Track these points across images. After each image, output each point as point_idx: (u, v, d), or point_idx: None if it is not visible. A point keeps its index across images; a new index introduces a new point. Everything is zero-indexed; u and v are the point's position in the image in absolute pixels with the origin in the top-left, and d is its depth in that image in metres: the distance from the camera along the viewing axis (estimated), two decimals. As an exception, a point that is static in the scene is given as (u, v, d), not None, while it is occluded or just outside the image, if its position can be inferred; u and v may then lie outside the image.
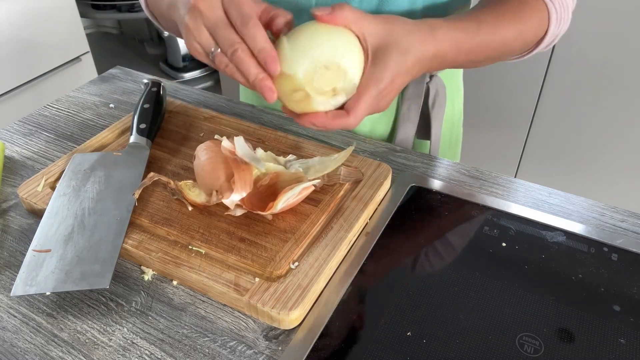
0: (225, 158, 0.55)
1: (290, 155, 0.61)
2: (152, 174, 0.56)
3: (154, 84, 0.73)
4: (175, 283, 0.52)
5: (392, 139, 0.79)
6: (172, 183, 0.56)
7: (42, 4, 1.67)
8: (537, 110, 1.60)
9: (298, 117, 0.51)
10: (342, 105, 0.50)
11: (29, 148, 0.71)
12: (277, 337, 0.48)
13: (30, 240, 0.54)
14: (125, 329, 0.48)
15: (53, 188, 0.61)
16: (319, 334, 0.47)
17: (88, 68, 1.90)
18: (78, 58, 1.84)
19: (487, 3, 0.60)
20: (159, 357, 0.46)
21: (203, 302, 0.51)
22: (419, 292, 0.50)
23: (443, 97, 0.76)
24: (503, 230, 0.57)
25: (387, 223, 0.58)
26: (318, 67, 0.47)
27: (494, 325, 0.47)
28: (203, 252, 0.53)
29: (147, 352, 0.46)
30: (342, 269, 0.53)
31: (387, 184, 0.61)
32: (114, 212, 0.56)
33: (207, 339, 0.47)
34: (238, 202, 0.54)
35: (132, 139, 0.65)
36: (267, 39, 0.47)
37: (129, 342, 0.47)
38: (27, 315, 0.50)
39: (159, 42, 2.80)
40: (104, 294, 0.51)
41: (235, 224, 0.55)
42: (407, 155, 0.69)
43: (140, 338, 0.48)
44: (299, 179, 0.56)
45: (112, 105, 0.80)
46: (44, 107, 0.80)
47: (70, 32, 1.79)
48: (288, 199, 0.54)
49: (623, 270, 0.52)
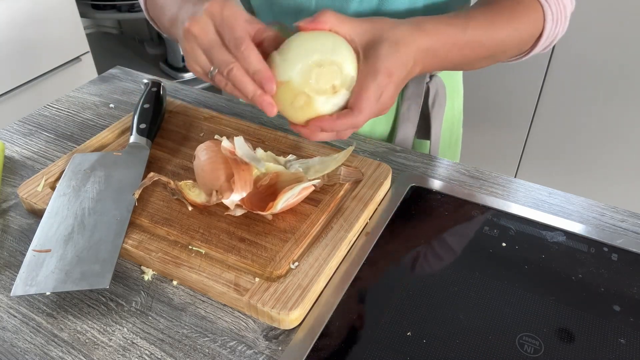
0: (225, 158, 0.55)
1: (290, 155, 0.61)
2: (152, 174, 0.56)
3: (154, 84, 0.73)
4: (175, 283, 0.52)
5: (392, 139, 0.79)
6: (172, 183, 0.56)
7: (42, 4, 1.67)
8: (537, 110, 1.60)
9: (305, 127, 0.50)
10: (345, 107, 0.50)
11: (29, 148, 0.71)
12: (277, 337, 0.48)
13: (30, 240, 0.54)
14: (125, 329, 0.48)
15: (53, 188, 0.61)
16: (319, 334, 0.47)
17: (88, 68, 1.89)
18: (78, 58, 1.84)
19: (480, 3, 0.60)
20: (159, 357, 0.46)
21: (203, 302, 0.51)
22: (419, 292, 0.50)
23: (443, 97, 0.76)
24: (503, 230, 0.57)
25: (387, 223, 0.58)
26: (311, 67, 0.48)
27: (494, 325, 0.47)
28: (203, 252, 0.53)
29: (147, 352, 0.46)
30: (342, 269, 0.53)
31: (387, 184, 0.61)
32: (114, 212, 0.56)
33: (207, 339, 0.47)
34: (238, 202, 0.54)
35: (132, 139, 0.65)
36: (260, 60, 0.48)
37: (129, 342, 0.47)
38: (27, 315, 0.50)
39: (159, 42, 2.80)
40: (104, 294, 0.51)
41: (235, 224, 0.55)
42: (407, 155, 0.69)
43: (140, 338, 0.48)
44: (299, 179, 0.56)
45: (112, 105, 0.80)
46: (44, 107, 0.80)
47: (70, 32, 1.79)
48: (288, 199, 0.54)
49: (623, 270, 0.52)
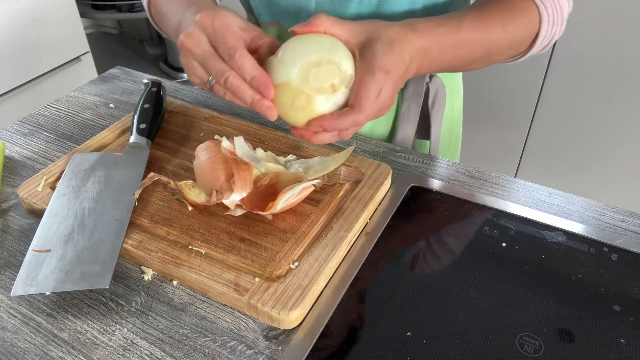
0: (225, 158, 0.55)
1: (290, 155, 0.61)
2: (152, 174, 0.56)
3: (154, 84, 0.73)
4: (175, 283, 0.52)
5: (391, 139, 0.79)
6: (172, 183, 0.56)
7: (42, 4, 1.67)
8: (537, 110, 1.60)
9: (307, 130, 0.50)
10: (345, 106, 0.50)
11: (29, 148, 0.71)
12: (277, 337, 0.48)
13: (30, 240, 0.54)
14: (125, 329, 0.48)
15: (53, 188, 0.61)
16: (319, 334, 0.47)
17: (88, 68, 1.90)
18: (78, 58, 1.84)
19: (475, 5, 0.60)
20: (159, 357, 0.46)
21: (203, 302, 0.51)
22: (419, 292, 0.50)
23: (443, 97, 0.76)
24: (503, 230, 0.57)
25: (387, 223, 0.58)
26: (310, 66, 0.48)
27: (494, 325, 0.47)
28: (203, 252, 0.53)
29: (147, 352, 0.46)
30: (342, 269, 0.53)
31: (387, 184, 0.61)
32: (114, 212, 0.56)
33: (207, 339, 0.47)
34: (238, 202, 0.54)
35: (132, 139, 0.65)
36: (256, 65, 0.48)
37: (129, 342, 0.47)
38: (27, 315, 0.50)
39: (159, 42, 2.80)
40: (104, 294, 0.51)
41: (235, 224, 0.55)
42: (407, 155, 0.69)
43: (140, 338, 0.48)
44: (299, 179, 0.56)
45: (112, 105, 0.80)
46: (44, 107, 0.80)
47: (70, 32, 1.79)
48: (288, 199, 0.54)
49: (623, 270, 0.52)
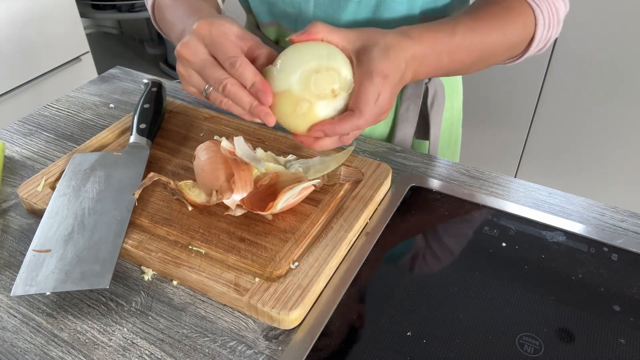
0: (225, 158, 0.55)
1: (290, 155, 0.61)
2: (152, 174, 0.56)
3: (154, 84, 0.73)
4: (175, 283, 0.52)
5: (391, 139, 0.79)
6: (172, 183, 0.56)
7: (42, 4, 1.67)
8: (537, 110, 1.60)
9: (308, 136, 0.51)
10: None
11: (29, 148, 0.71)
12: (277, 337, 0.48)
13: (30, 240, 0.54)
14: (125, 329, 0.48)
15: (53, 188, 0.61)
16: (319, 334, 0.47)
17: (88, 68, 1.90)
18: (78, 58, 1.84)
19: (470, 9, 0.60)
20: (159, 357, 0.46)
21: (203, 302, 0.51)
22: (419, 292, 0.50)
23: (442, 97, 0.76)
24: (503, 230, 0.57)
25: (387, 223, 0.58)
26: (310, 73, 0.48)
27: (494, 325, 0.47)
28: (203, 252, 0.53)
29: (147, 352, 0.46)
30: (342, 269, 0.53)
31: (387, 184, 0.61)
32: (114, 212, 0.56)
33: (207, 339, 0.47)
34: (238, 202, 0.54)
35: (132, 139, 0.65)
36: (256, 73, 0.49)
37: (129, 342, 0.47)
38: (27, 315, 0.50)
39: (159, 42, 2.80)
40: (104, 294, 0.51)
41: (235, 224, 0.55)
42: (407, 155, 0.69)
43: (140, 338, 0.48)
44: (299, 179, 0.56)
45: (112, 105, 0.80)
46: (44, 107, 0.80)
47: (70, 32, 1.79)
48: (288, 199, 0.54)
49: (623, 270, 0.52)
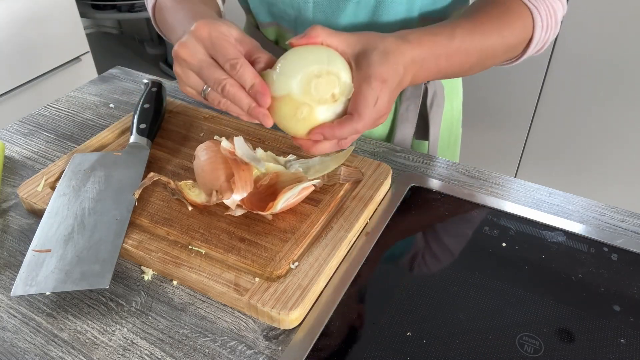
0: (225, 158, 0.55)
1: (290, 155, 0.61)
2: (152, 174, 0.56)
3: (154, 84, 0.73)
4: (175, 283, 0.52)
5: (390, 139, 0.79)
6: (172, 183, 0.56)
7: (42, 4, 1.67)
8: (537, 110, 1.60)
9: (307, 139, 0.50)
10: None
11: (29, 148, 0.71)
12: (277, 337, 0.48)
13: (30, 240, 0.54)
14: (125, 329, 0.48)
15: (53, 188, 0.61)
16: (319, 334, 0.47)
17: (88, 68, 1.90)
18: (78, 58, 1.84)
19: (468, 11, 0.60)
20: (159, 357, 0.46)
21: (203, 302, 0.51)
22: (419, 292, 0.50)
23: (441, 97, 0.76)
24: (503, 230, 0.57)
25: (387, 223, 0.58)
26: (310, 78, 0.48)
27: (494, 325, 0.47)
28: (203, 252, 0.53)
29: (147, 352, 0.46)
30: (342, 269, 0.53)
31: (387, 184, 0.61)
32: (114, 212, 0.56)
33: (207, 339, 0.47)
34: (238, 202, 0.54)
35: (132, 139, 0.65)
36: (256, 75, 0.49)
37: (129, 342, 0.47)
38: (27, 315, 0.50)
39: (159, 42, 2.80)
40: (104, 294, 0.51)
41: (235, 224, 0.55)
42: (407, 155, 0.69)
43: (140, 338, 0.48)
44: (299, 179, 0.56)
45: (112, 105, 0.80)
46: (44, 107, 0.80)
47: (70, 32, 1.79)
48: (288, 199, 0.54)
49: (623, 270, 0.52)
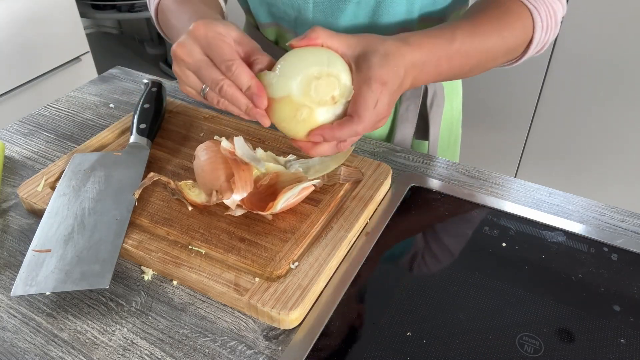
0: (225, 158, 0.55)
1: (290, 155, 0.61)
2: (152, 174, 0.56)
3: (154, 84, 0.73)
4: (175, 283, 0.52)
5: (390, 140, 0.79)
6: (172, 183, 0.56)
7: (42, 4, 1.67)
8: (537, 111, 1.60)
9: (306, 141, 0.50)
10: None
11: (29, 148, 0.71)
12: (277, 337, 0.48)
13: (30, 240, 0.54)
14: (125, 329, 0.48)
15: (53, 188, 0.61)
16: (319, 334, 0.47)
17: (88, 68, 1.90)
18: (78, 58, 1.84)
19: (469, 13, 0.60)
20: (159, 357, 0.46)
21: (203, 302, 0.51)
22: (419, 292, 0.50)
23: (441, 97, 0.76)
24: (503, 230, 0.57)
25: (387, 223, 0.58)
26: (310, 79, 0.48)
27: (494, 325, 0.47)
28: (203, 252, 0.53)
29: (147, 352, 0.46)
30: (342, 269, 0.53)
31: (387, 184, 0.61)
32: (114, 212, 0.56)
33: (207, 339, 0.47)
34: (238, 202, 0.54)
35: (132, 139, 0.65)
36: (252, 76, 0.49)
37: (129, 342, 0.47)
38: (27, 315, 0.50)
39: (159, 42, 2.81)
40: (104, 294, 0.51)
41: (235, 224, 0.55)
42: (407, 155, 0.69)
43: (140, 338, 0.48)
44: (299, 179, 0.56)
45: (112, 105, 0.80)
46: (44, 107, 0.80)
47: (70, 32, 1.79)
48: (288, 199, 0.54)
49: (623, 270, 0.52)
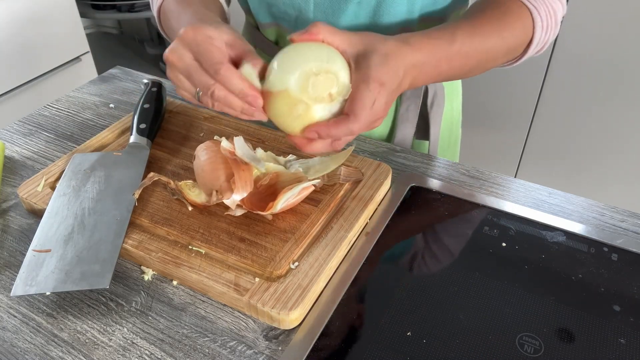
0: (225, 158, 0.55)
1: (290, 155, 0.61)
2: (152, 174, 0.56)
3: (154, 84, 0.73)
4: (175, 283, 0.52)
5: (390, 140, 0.79)
6: (172, 183, 0.56)
7: (42, 4, 1.67)
8: (537, 111, 1.60)
9: (301, 137, 0.50)
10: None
11: (29, 148, 0.71)
12: (277, 337, 0.48)
13: (30, 240, 0.54)
14: (125, 329, 0.48)
15: (53, 188, 0.61)
16: (319, 334, 0.47)
17: (88, 68, 1.90)
18: (78, 58, 1.84)
19: (469, 13, 0.60)
20: (159, 357, 0.46)
21: (203, 302, 0.51)
22: (419, 292, 0.50)
23: (442, 97, 0.76)
24: (503, 230, 0.57)
25: (387, 223, 0.58)
26: (309, 75, 0.48)
27: (494, 325, 0.47)
28: (203, 252, 0.53)
29: (147, 352, 0.46)
30: (342, 269, 0.53)
31: (387, 184, 0.61)
32: (114, 212, 0.56)
33: (207, 339, 0.47)
34: (238, 202, 0.54)
35: (132, 139, 0.65)
36: (242, 79, 0.48)
37: (129, 342, 0.47)
38: (27, 315, 0.50)
39: (159, 42, 2.81)
40: (104, 294, 0.51)
41: (235, 224, 0.55)
42: (407, 155, 0.69)
43: (140, 338, 0.48)
44: (299, 179, 0.56)
45: (112, 105, 0.80)
46: (44, 107, 0.80)
47: (70, 32, 1.79)
48: (288, 199, 0.54)
49: (623, 270, 0.52)
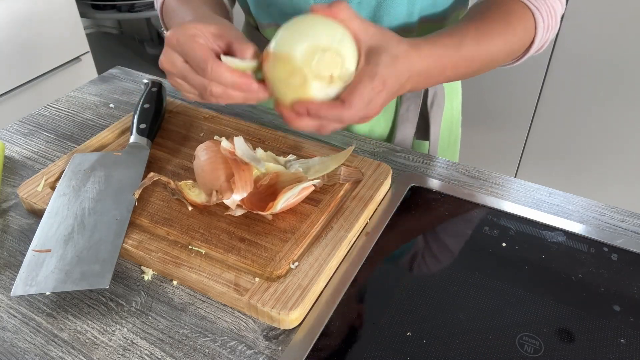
0: (225, 158, 0.55)
1: (290, 155, 0.61)
2: (152, 174, 0.56)
3: (154, 84, 0.73)
4: (175, 283, 0.52)
5: (391, 140, 0.79)
6: (172, 183, 0.56)
7: (42, 4, 1.67)
8: (537, 111, 1.60)
9: (290, 110, 0.49)
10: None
11: (29, 148, 0.71)
12: (277, 337, 0.48)
13: (30, 240, 0.54)
14: (125, 329, 0.48)
15: (53, 188, 0.61)
16: (319, 334, 0.47)
17: (88, 68, 1.89)
18: (78, 58, 1.84)
19: (472, 15, 0.60)
20: (159, 357, 0.46)
21: (203, 302, 0.51)
22: (419, 292, 0.50)
23: (442, 97, 0.76)
24: (503, 230, 0.57)
25: (387, 223, 0.58)
26: (316, 49, 0.46)
27: (494, 325, 0.47)
28: (203, 252, 0.53)
29: (147, 352, 0.46)
30: (342, 269, 0.53)
31: (387, 184, 0.61)
32: (114, 212, 0.56)
33: (207, 339, 0.47)
34: (238, 202, 0.54)
35: (132, 139, 0.65)
36: (232, 71, 0.48)
37: (129, 342, 0.47)
38: (27, 315, 0.50)
39: (159, 42, 2.80)
40: (104, 294, 0.51)
41: (235, 224, 0.55)
42: (407, 155, 0.69)
43: (140, 338, 0.48)
44: (299, 179, 0.56)
45: (112, 105, 0.80)
46: (44, 107, 0.80)
47: (70, 32, 1.79)
48: (288, 199, 0.54)
49: (623, 270, 0.52)
